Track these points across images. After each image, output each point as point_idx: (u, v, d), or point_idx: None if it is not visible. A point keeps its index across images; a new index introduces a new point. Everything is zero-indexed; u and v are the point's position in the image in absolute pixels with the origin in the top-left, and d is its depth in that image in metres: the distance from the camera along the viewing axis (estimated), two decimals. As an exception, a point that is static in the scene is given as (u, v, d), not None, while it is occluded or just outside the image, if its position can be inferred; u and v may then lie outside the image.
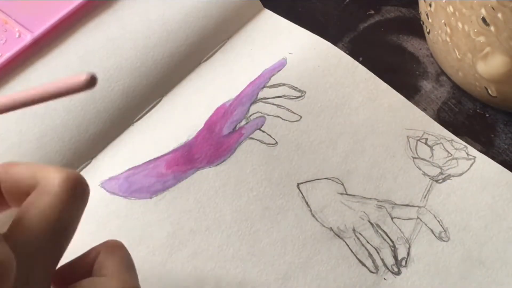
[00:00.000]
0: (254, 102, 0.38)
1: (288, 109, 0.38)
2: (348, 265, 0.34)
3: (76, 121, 0.36)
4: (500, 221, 0.36)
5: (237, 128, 0.37)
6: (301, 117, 0.37)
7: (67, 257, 0.27)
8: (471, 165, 0.38)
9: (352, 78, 0.40)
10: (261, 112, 0.37)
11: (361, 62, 0.44)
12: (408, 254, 0.35)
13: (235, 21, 0.41)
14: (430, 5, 0.42)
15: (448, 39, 0.42)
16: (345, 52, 0.45)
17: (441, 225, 0.36)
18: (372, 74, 0.40)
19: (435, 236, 0.35)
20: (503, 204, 0.37)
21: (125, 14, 0.40)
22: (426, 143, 0.39)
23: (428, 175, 0.38)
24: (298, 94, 0.38)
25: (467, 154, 0.39)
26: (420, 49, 0.47)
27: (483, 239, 0.35)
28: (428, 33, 0.45)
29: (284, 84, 0.38)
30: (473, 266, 0.34)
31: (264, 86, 0.38)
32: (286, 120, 0.37)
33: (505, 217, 0.36)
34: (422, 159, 0.38)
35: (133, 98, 0.38)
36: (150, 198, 0.34)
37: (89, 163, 0.36)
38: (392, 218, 0.36)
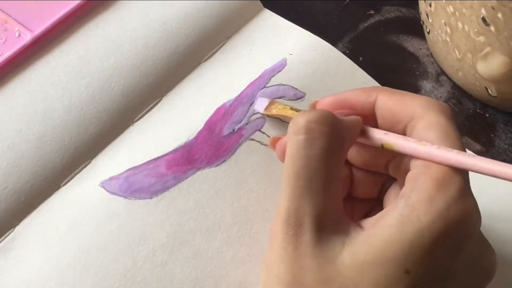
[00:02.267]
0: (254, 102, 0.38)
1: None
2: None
3: (76, 121, 0.36)
4: (496, 225, 0.36)
5: (237, 129, 0.37)
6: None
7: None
8: None
9: (351, 81, 0.40)
10: (261, 113, 0.37)
11: (361, 62, 0.44)
12: None
13: (235, 21, 0.41)
14: (430, 5, 0.42)
15: (448, 39, 0.42)
16: (345, 52, 0.45)
17: None
18: (371, 78, 0.40)
19: None
20: (500, 209, 0.37)
21: (125, 14, 0.40)
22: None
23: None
24: (299, 95, 0.38)
25: None
26: (420, 49, 0.47)
27: None
28: (428, 33, 0.45)
29: (284, 85, 0.38)
30: None
31: (264, 87, 0.38)
32: (286, 122, 0.37)
33: (501, 221, 0.36)
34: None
35: (133, 98, 0.38)
36: (150, 198, 0.34)
37: (89, 163, 0.36)
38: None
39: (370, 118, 0.31)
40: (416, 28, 0.47)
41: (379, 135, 0.29)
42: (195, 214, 0.34)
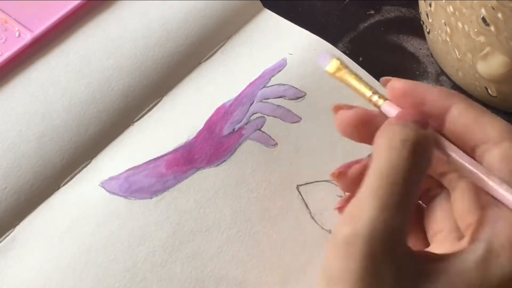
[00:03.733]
0: (254, 102, 0.38)
1: (288, 110, 0.38)
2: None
3: (76, 121, 0.36)
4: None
5: (237, 129, 0.37)
6: (301, 118, 0.37)
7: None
8: None
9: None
10: (261, 113, 0.37)
11: (361, 62, 0.44)
12: None
13: (235, 21, 0.41)
14: (430, 5, 0.42)
15: (448, 39, 0.42)
16: (345, 52, 0.45)
17: None
18: (372, 77, 0.40)
19: None
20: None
21: (125, 14, 0.40)
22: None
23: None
24: (299, 94, 0.38)
25: None
26: (420, 49, 0.47)
27: None
28: (428, 33, 0.45)
29: (284, 85, 0.38)
30: None
31: (264, 87, 0.38)
32: (286, 122, 0.37)
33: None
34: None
35: (133, 98, 0.38)
36: (150, 198, 0.34)
37: (89, 163, 0.36)
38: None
39: (440, 123, 0.29)
40: (416, 28, 0.47)
41: (451, 151, 0.28)
42: (195, 214, 0.34)
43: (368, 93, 0.30)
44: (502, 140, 0.27)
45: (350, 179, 0.30)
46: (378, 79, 0.40)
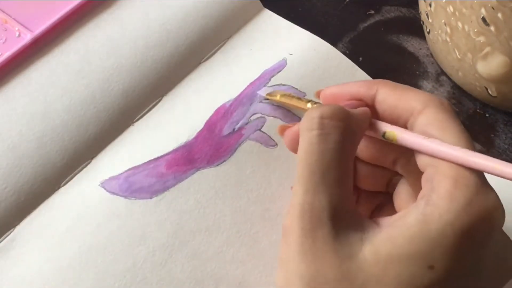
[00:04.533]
0: (254, 102, 0.38)
1: (288, 110, 0.38)
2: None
3: (76, 121, 0.36)
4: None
5: (237, 129, 0.37)
6: (301, 118, 0.37)
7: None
8: None
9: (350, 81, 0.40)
10: (261, 113, 0.37)
11: (361, 62, 0.44)
12: None
13: (235, 21, 0.41)
14: (430, 5, 0.43)
15: (448, 39, 0.42)
16: (345, 52, 0.45)
17: None
18: (371, 78, 0.40)
19: None
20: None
21: (125, 14, 0.40)
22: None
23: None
24: (299, 95, 0.38)
25: None
26: (420, 49, 0.47)
27: None
28: (428, 33, 0.45)
29: (284, 85, 0.38)
30: None
31: (264, 87, 0.38)
32: (286, 122, 0.37)
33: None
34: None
35: (133, 98, 0.38)
36: (150, 198, 0.34)
37: (89, 163, 0.36)
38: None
39: (371, 111, 0.31)
40: (416, 28, 0.47)
41: (382, 126, 0.30)
42: (195, 214, 0.34)
43: (308, 105, 0.33)
44: (425, 108, 0.29)
45: (289, 138, 0.32)
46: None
